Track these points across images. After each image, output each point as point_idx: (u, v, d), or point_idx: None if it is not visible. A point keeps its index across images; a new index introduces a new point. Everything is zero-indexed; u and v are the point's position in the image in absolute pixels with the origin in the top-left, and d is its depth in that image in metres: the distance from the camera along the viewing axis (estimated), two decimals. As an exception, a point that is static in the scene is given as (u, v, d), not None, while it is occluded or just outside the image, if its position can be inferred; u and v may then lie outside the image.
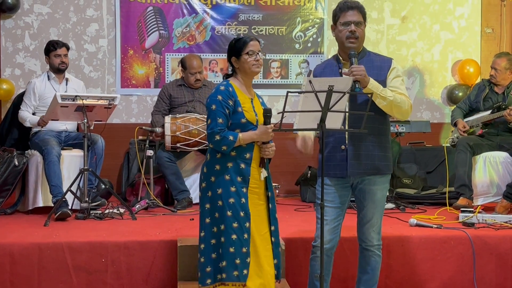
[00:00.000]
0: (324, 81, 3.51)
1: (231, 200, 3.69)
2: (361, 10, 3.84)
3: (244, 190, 3.73)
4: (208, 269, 3.72)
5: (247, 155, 3.75)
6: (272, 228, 3.85)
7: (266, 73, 7.54)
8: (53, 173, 5.65)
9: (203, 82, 6.59)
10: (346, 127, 3.74)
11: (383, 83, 3.79)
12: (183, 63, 6.55)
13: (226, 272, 3.66)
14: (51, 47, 6.11)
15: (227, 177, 3.71)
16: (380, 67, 3.84)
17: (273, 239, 3.84)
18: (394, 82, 3.83)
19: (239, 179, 3.72)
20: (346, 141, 3.78)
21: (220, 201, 3.70)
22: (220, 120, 3.67)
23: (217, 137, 3.65)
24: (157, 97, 6.64)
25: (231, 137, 3.66)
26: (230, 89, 3.74)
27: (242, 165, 3.73)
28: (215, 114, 3.68)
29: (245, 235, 3.67)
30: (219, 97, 3.69)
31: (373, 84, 3.69)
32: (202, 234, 3.77)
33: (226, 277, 3.66)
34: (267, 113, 3.71)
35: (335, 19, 3.88)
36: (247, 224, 3.69)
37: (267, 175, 3.83)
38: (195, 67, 6.45)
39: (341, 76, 3.78)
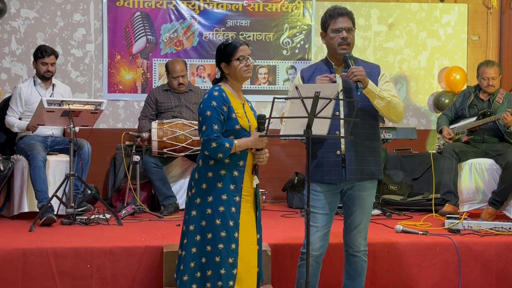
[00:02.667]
0: (310, 87, 3.51)
1: (221, 208, 3.61)
2: (350, 16, 3.87)
3: (237, 199, 3.65)
4: (185, 278, 3.64)
5: (241, 163, 3.67)
6: (258, 236, 3.80)
7: (253, 79, 7.55)
8: (39, 178, 5.62)
9: (189, 87, 6.59)
10: (343, 132, 3.76)
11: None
12: (166, 67, 6.56)
13: (211, 282, 3.59)
14: (39, 54, 6.05)
15: (219, 184, 3.63)
16: (370, 73, 3.86)
17: (258, 247, 3.79)
18: (385, 86, 3.86)
19: (232, 187, 3.64)
20: (342, 146, 3.78)
21: (209, 209, 3.62)
22: (216, 127, 3.58)
23: (214, 144, 3.56)
24: (144, 103, 6.63)
25: (227, 144, 3.57)
26: (224, 94, 3.65)
27: (236, 173, 3.66)
28: (210, 121, 3.59)
29: (233, 246, 3.60)
30: (214, 103, 3.60)
31: (372, 85, 3.73)
32: (185, 241, 3.71)
33: (211, 286, 3.60)
34: (262, 120, 3.60)
35: (325, 26, 3.89)
36: (236, 234, 3.61)
37: (258, 182, 3.76)
38: (177, 71, 6.44)
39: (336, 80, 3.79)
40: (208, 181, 3.65)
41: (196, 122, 6.16)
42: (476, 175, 6.05)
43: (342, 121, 3.77)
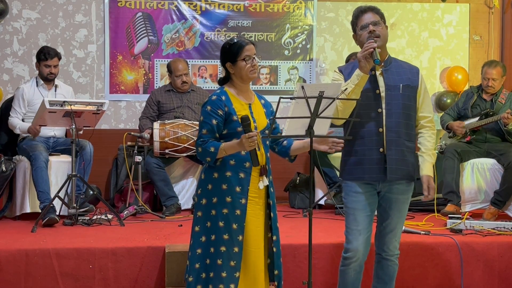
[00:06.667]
0: (315, 87, 3.50)
1: (225, 210, 3.57)
2: (375, 11, 3.80)
3: (243, 201, 3.58)
4: (190, 278, 3.64)
5: (247, 164, 3.60)
6: (274, 238, 3.73)
7: (255, 79, 7.53)
8: (41, 179, 5.62)
9: (191, 87, 6.59)
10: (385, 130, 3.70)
11: (415, 90, 3.81)
12: (168, 67, 6.57)
13: (213, 284, 3.56)
14: (42, 56, 6.03)
15: (224, 186, 3.58)
16: (410, 72, 3.85)
17: (274, 249, 3.73)
18: (425, 104, 3.86)
19: (237, 189, 3.58)
20: (384, 145, 3.71)
21: (213, 211, 3.59)
22: (204, 131, 3.57)
23: (199, 149, 3.57)
24: (145, 103, 6.63)
25: (212, 149, 3.52)
26: (223, 97, 3.60)
27: (242, 175, 3.60)
28: (201, 126, 3.60)
29: (235, 249, 3.55)
30: (208, 108, 3.59)
31: (429, 168, 3.82)
32: (191, 242, 3.68)
33: None
34: (244, 122, 3.47)
35: (354, 28, 3.84)
36: (240, 237, 3.57)
37: (267, 183, 3.66)
38: (180, 69, 6.45)
39: (376, 77, 3.75)
40: (213, 181, 3.61)
41: (198, 123, 6.17)
42: (478, 175, 6.04)
43: (384, 118, 3.70)
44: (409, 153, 3.78)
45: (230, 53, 3.65)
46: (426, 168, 3.81)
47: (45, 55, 6.03)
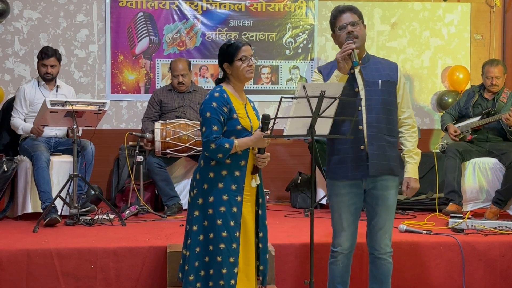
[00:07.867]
0: (316, 86, 3.52)
1: (222, 208, 3.63)
2: (354, 11, 3.84)
3: (239, 198, 3.67)
4: (191, 277, 3.67)
5: (242, 162, 3.69)
6: (261, 234, 3.82)
7: (256, 79, 7.54)
8: (42, 179, 5.62)
9: (193, 87, 6.59)
10: (365, 128, 3.72)
11: (394, 85, 3.83)
12: (170, 66, 6.57)
13: (213, 281, 3.63)
14: (39, 55, 6.06)
15: (220, 185, 3.65)
16: (389, 68, 3.86)
17: (260, 245, 3.81)
18: (404, 100, 3.88)
19: (233, 187, 3.66)
20: (365, 141, 3.73)
21: (210, 209, 3.65)
22: (215, 128, 3.60)
23: (213, 146, 3.59)
24: (147, 104, 6.63)
25: (226, 145, 3.59)
26: (225, 95, 3.67)
27: (237, 173, 3.68)
28: (210, 122, 3.62)
29: (234, 245, 3.63)
30: (214, 104, 3.62)
31: (414, 169, 3.85)
32: (189, 241, 3.74)
33: (213, 285, 3.63)
34: (265, 120, 3.60)
35: (333, 28, 3.89)
36: (237, 234, 3.64)
37: (259, 182, 3.78)
38: (178, 69, 6.45)
39: (354, 75, 3.77)
40: (209, 181, 3.68)
41: (199, 123, 6.17)
42: (479, 174, 6.04)
43: (364, 114, 3.72)
44: (390, 148, 3.79)
45: (227, 54, 3.74)
46: (408, 170, 3.85)
47: (42, 54, 6.05)
